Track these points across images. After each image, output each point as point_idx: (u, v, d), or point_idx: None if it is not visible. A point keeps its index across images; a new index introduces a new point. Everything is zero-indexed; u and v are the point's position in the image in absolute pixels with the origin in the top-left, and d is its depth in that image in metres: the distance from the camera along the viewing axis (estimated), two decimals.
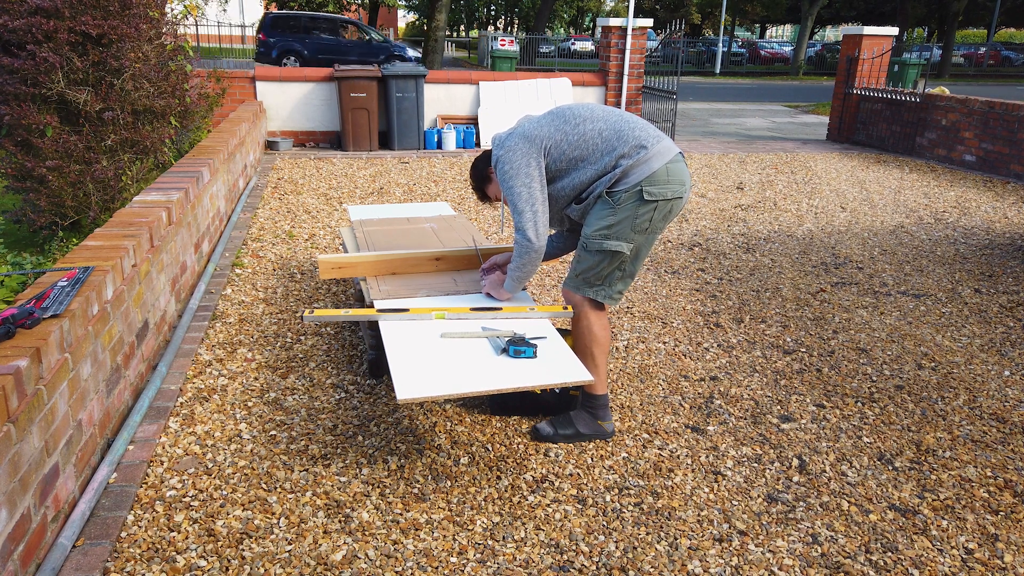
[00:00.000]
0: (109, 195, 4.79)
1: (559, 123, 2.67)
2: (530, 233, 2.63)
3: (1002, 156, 8.50)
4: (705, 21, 46.71)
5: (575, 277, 2.73)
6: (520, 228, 2.65)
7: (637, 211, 2.59)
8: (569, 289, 2.76)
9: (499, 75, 9.94)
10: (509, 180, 2.64)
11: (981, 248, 5.51)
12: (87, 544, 2.14)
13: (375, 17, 30.46)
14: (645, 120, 2.73)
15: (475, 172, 2.96)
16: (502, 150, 2.67)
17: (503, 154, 2.66)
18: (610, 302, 2.72)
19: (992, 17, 33.49)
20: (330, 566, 2.11)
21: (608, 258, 2.64)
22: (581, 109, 2.71)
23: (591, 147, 2.62)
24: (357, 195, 6.67)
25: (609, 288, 2.70)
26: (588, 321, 2.72)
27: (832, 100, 11.06)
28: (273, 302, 4.09)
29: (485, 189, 2.97)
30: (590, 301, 2.72)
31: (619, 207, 2.59)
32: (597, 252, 2.63)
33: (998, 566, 2.20)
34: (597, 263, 2.65)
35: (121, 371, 2.75)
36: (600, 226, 2.61)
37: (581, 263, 2.70)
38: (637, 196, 2.57)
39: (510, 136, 2.70)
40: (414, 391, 2.31)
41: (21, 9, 4.53)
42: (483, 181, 2.95)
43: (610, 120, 2.66)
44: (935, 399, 3.21)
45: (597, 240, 2.62)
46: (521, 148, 2.64)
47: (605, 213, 2.61)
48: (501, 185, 2.68)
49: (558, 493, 2.48)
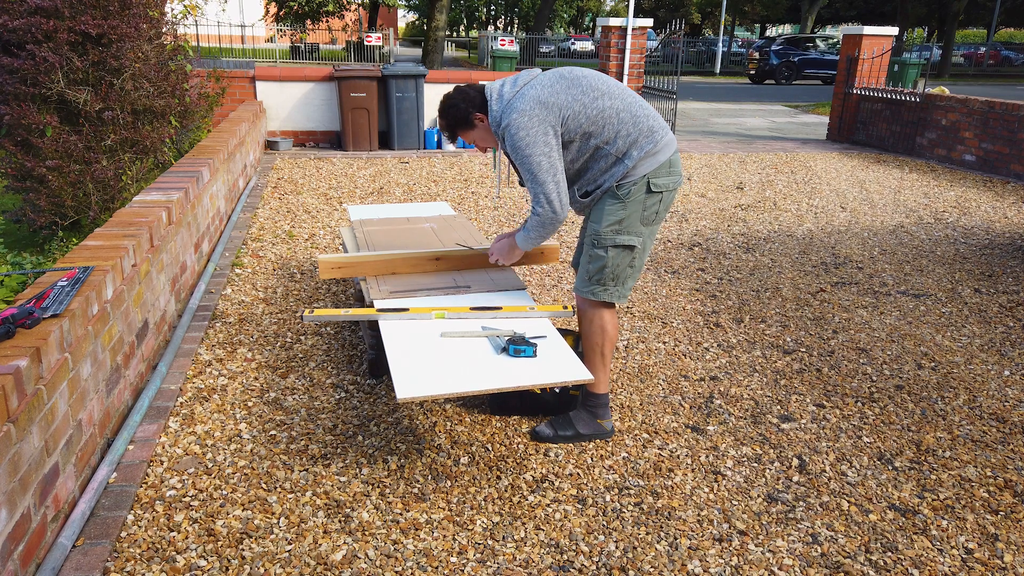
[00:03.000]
0: (109, 195, 4.79)
1: (576, 92, 2.53)
2: (556, 204, 2.55)
3: (1002, 156, 8.50)
4: (705, 21, 46.71)
5: (590, 280, 2.66)
6: (544, 199, 2.55)
7: (646, 203, 2.58)
8: (585, 295, 2.69)
9: (499, 75, 9.94)
10: (526, 149, 2.49)
11: (981, 248, 5.51)
12: (87, 544, 2.14)
13: (375, 17, 30.45)
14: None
15: (453, 111, 2.68)
16: (515, 114, 2.50)
17: (517, 119, 2.49)
18: (623, 300, 2.70)
19: (992, 17, 33.48)
20: (330, 566, 2.11)
21: (622, 253, 2.62)
22: (594, 80, 2.58)
23: (606, 126, 2.53)
24: (357, 195, 6.67)
25: (623, 287, 2.67)
26: (602, 320, 2.70)
27: (832, 100, 11.06)
28: (273, 302, 4.09)
29: (461, 132, 2.72)
30: (604, 303, 2.69)
31: (628, 200, 2.57)
32: (612, 248, 2.61)
33: (998, 566, 2.20)
34: (612, 260, 2.62)
35: (121, 371, 2.75)
36: (611, 221, 2.59)
37: (595, 262, 2.64)
38: (645, 188, 2.57)
39: (521, 98, 2.53)
40: (414, 390, 2.31)
41: (21, 9, 4.53)
42: (462, 124, 2.69)
43: (625, 99, 2.58)
44: (935, 399, 3.21)
45: (610, 236, 2.60)
46: (538, 115, 2.49)
47: (616, 207, 2.58)
48: (513, 152, 2.54)
49: (558, 493, 2.48)
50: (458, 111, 2.66)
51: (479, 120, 2.66)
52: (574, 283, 2.82)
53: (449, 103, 2.69)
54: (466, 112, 2.65)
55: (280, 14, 27.48)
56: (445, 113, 2.70)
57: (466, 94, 2.67)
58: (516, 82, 2.61)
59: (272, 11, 28.24)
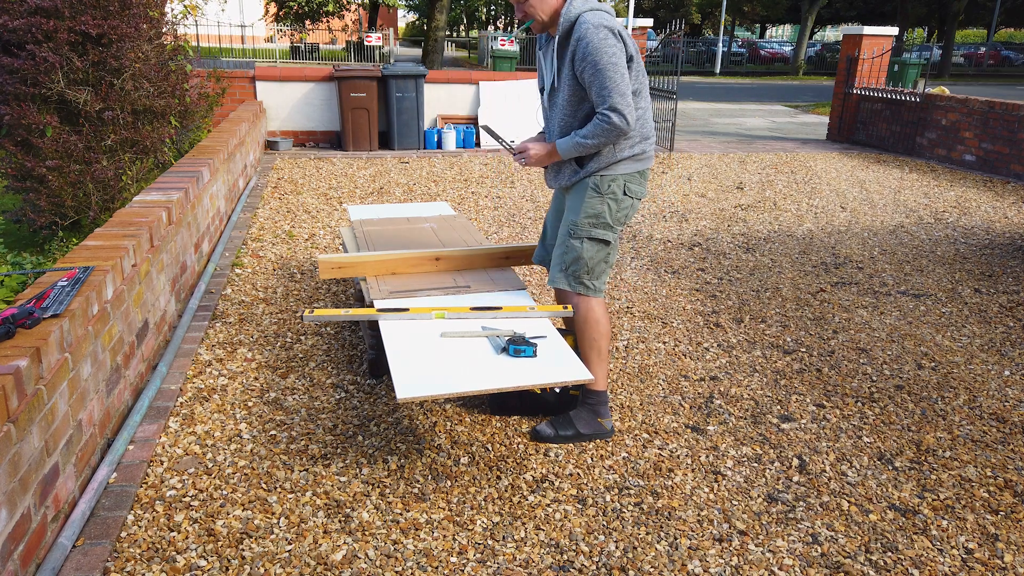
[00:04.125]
0: (109, 195, 4.79)
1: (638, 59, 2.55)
2: (630, 118, 2.47)
3: (1002, 156, 8.50)
4: (705, 21, 46.70)
5: (566, 272, 2.72)
6: (618, 108, 2.45)
7: (620, 203, 2.66)
8: (563, 288, 2.75)
9: (499, 75, 9.94)
10: (608, 56, 2.40)
11: (981, 248, 5.51)
12: (87, 544, 2.14)
13: (375, 17, 30.44)
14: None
15: None
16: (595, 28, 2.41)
17: (599, 31, 2.41)
18: (599, 295, 2.75)
19: (992, 17, 33.49)
20: (330, 566, 2.11)
21: (597, 247, 2.67)
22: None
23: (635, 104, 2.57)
24: (357, 195, 6.67)
25: (599, 280, 2.73)
26: (594, 313, 2.73)
27: (832, 100, 11.06)
28: (273, 302, 4.09)
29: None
30: (591, 296, 2.74)
31: (607, 195, 2.63)
32: (588, 240, 2.66)
33: (998, 566, 2.20)
34: (587, 251, 2.67)
35: (121, 371, 2.75)
36: (589, 213, 2.64)
37: (570, 252, 2.69)
38: (622, 189, 2.64)
39: (606, 22, 2.44)
40: (414, 391, 2.31)
41: (21, 9, 4.53)
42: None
43: (646, 99, 2.65)
44: (935, 399, 3.21)
45: (586, 228, 2.65)
46: (617, 45, 2.45)
47: (595, 201, 2.64)
48: (591, 56, 2.41)
49: (558, 493, 2.48)
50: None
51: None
52: (548, 276, 2.86)
53: None
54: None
55: (280, 14, 27.47)
56: None
57: None
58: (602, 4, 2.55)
59: (272, 11, 28.23)
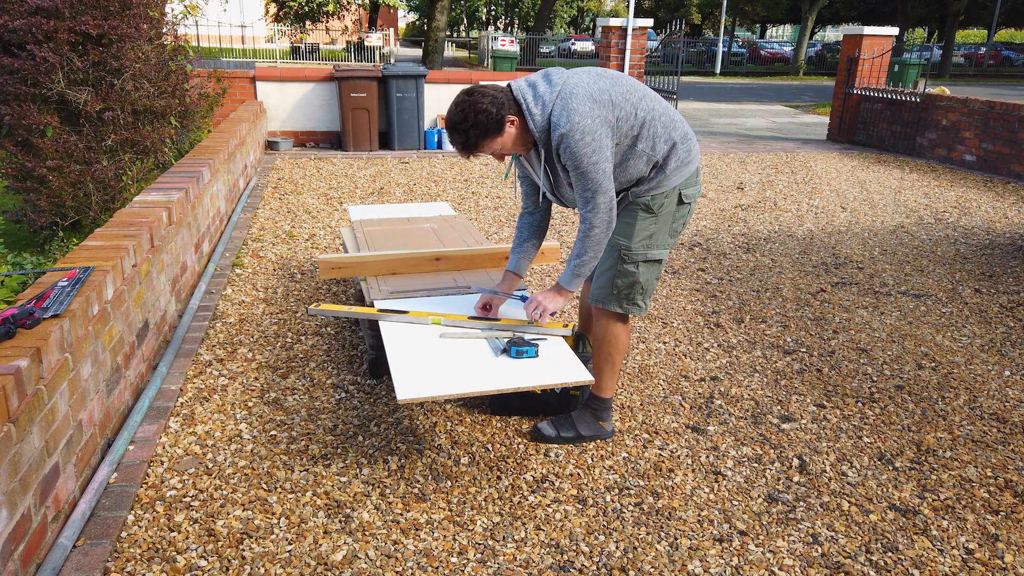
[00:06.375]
0: (109, 195, 4.79)
1: (622, 90, 2.30)
2: (614, 214, 2.35)
3: (1002, 156, 8.50)
4: (705, 21, 46.71)
5: (618, 296, 2.55)
6: (604, 209, 2.32)
7: (676, 215, 2.52)
8: (605, 307, 2.59)
9: (499, 75, 9.94)
10: (592, 156, 2.22)
11: (981, 248, 5.51)
12: (87, 544, 2.14)
13: (375, 17, 30.46)
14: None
15: (483, 118, 2.24)
16: (576, 116, 2.20)
17: (580, 122, 2.20)
18: (642, 312, 2.63)
19: (992, 17, 33.46)
20: (330, 566, 2.11)
21: (652, 267, 2.55)
22: (626, 80, 2.37)
23: (651, 129, 2.35)
24: (357, 195, 6.67)
25: (647, 298, 2.61)
26: (618, 331, 2.65)
27: (832, 100, 11.06)
28: (273, 302, 4.09)
29: (488, 141, 2.29)
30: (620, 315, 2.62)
31: (660, 213, 2.49)
32: (643, 263, 2.53)
33: (998, 566, 2.20)
34: (643, 275, 2.54)
35: (121, 371, 2.75)
36: (642, 236, 2.50)
37: (625, 277, 2.53)
38: (677, 199, 2.50)
39: (573, 97, 2.22)
40: (414, 391, 2.31)
41: (21, 9, 4.53)
42: (492, 130, 2.26)
43: (660, 101, 2.42)
44: (935, 399, 3.21)
45: (641, 251, 2.51)
46: (599, 115, 2.22)
47: (647, 222, 2.48)
48: (576, 160, 2.23)
49: (558, 493, 2.48)
50: (489, 117, 2.25)
51: (511, 123, 2.30)
52: (591, 293, 2.66)
53: (475, 109, 2.25)
54: (499, 116, 2.26)
55: (280, 14, 27.47)
56: (474, 122, 2.25)
57: (490, 95, 2.27)
58: (550, 79, 2.31)
59: (272, 11, 28.23)
